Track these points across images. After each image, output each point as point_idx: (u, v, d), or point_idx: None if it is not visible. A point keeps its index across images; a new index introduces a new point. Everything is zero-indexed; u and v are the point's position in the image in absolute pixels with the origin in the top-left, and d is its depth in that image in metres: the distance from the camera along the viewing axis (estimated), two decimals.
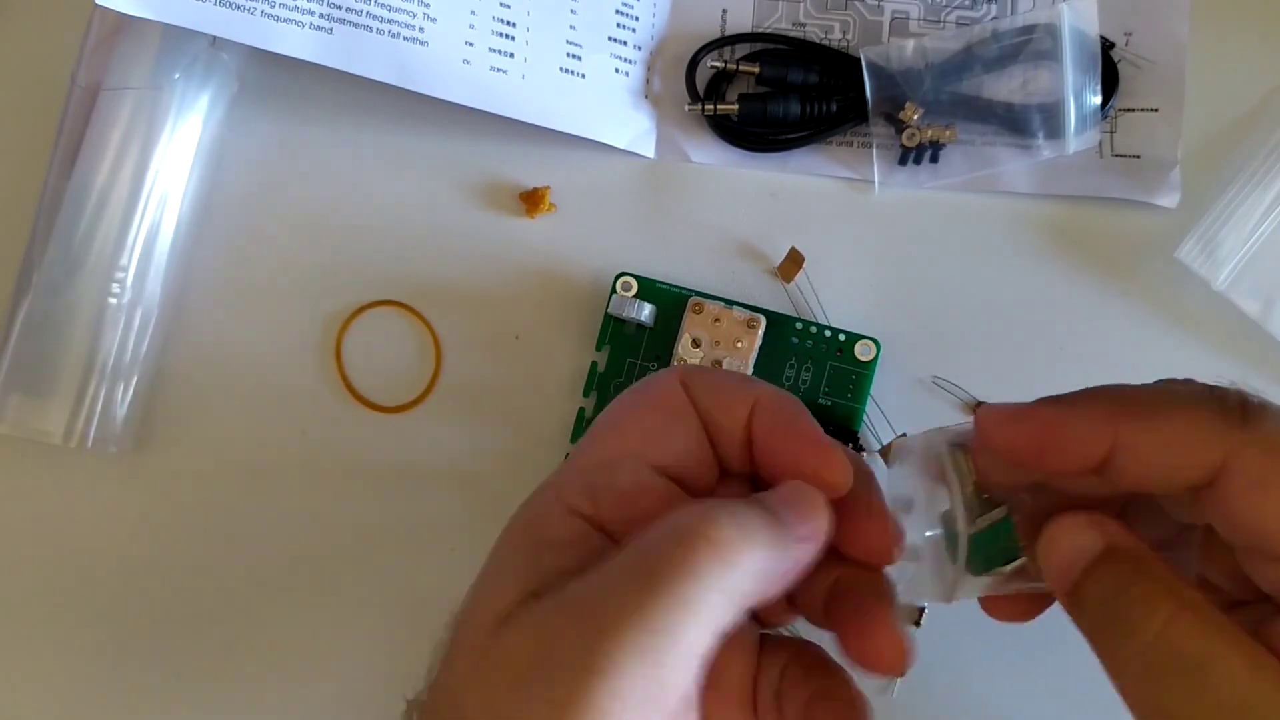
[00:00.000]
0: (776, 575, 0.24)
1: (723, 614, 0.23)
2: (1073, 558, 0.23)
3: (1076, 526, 0.23)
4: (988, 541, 0.24)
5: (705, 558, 0.22)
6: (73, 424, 0.36)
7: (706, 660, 0.23)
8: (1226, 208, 0.38)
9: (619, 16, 0.40)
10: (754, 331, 0.36)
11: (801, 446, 0.26)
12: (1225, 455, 0.21)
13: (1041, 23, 0.39)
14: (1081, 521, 0.23)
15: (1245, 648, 0.21)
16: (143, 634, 0.38)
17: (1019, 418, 0.24)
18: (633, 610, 0.22)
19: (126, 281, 0.37)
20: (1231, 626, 0.21)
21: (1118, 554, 0.22)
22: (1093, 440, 0.23)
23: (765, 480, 0.27)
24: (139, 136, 0.37)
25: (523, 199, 0.40)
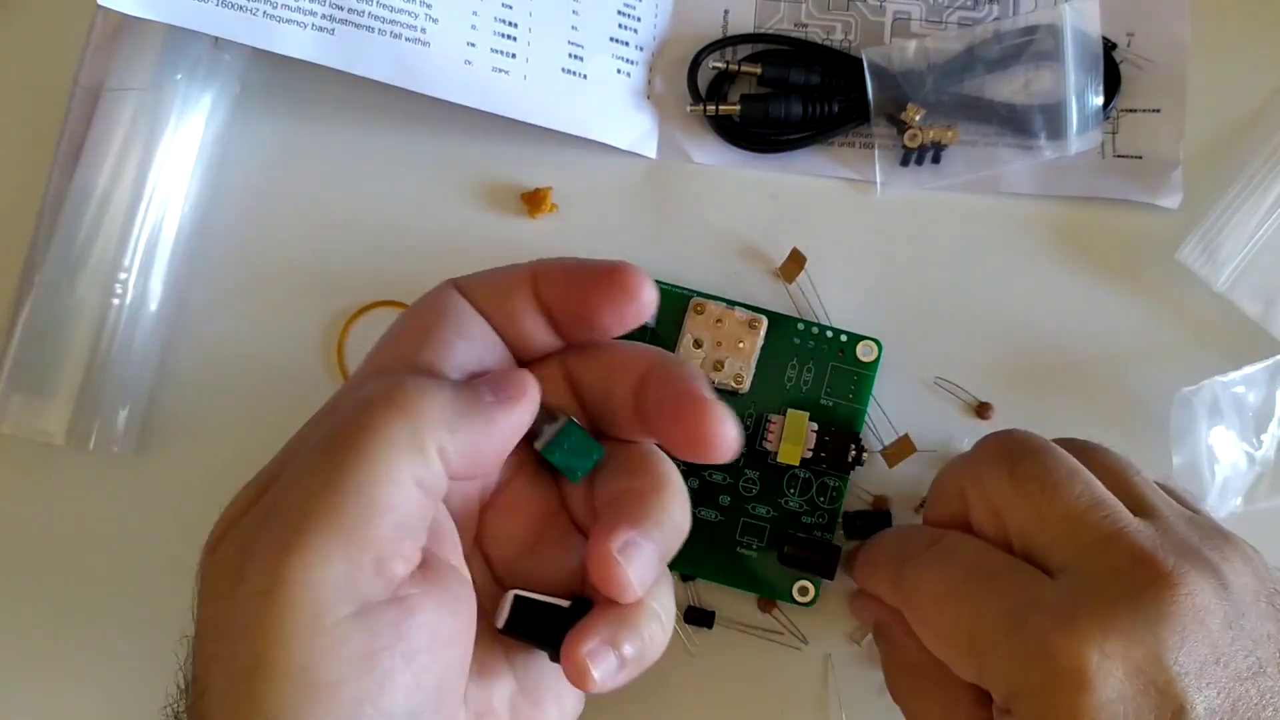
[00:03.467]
0: (471, 429, 0.24)
1: (414, 466, 0.23)
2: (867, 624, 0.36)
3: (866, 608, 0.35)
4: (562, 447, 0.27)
5: (383, 412, 0.23)
6: (75, 425, 0.36)
7: (413, 513, 0.23)
8: (1228, 209, 0.38)
9: (621, 17, 0.40)
10: (755, 332, 0.37)
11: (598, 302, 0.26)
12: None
13: (1043, 23, 0.39)
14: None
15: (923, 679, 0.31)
16: (144, 635, 0.38)
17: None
18: (314, 477, 0.22)
19: (129, 282, 0.37)
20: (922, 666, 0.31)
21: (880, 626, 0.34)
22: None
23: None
24: (141, 137, 0.37)
25: (524, 199, 0.40)
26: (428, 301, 0.27)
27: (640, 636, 0.25)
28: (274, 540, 0.22)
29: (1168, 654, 0.25)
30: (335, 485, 0.22)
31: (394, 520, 0.23)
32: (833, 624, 0.37)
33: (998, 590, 0.28)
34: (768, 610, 0.37)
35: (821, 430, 0.36)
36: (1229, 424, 0.37)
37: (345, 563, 0.22)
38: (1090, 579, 0.27)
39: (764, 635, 0.37)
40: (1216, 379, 0.36)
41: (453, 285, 0.28)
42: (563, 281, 0.27)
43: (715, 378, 0.36)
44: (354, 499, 0.22)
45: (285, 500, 0.23)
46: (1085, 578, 0.27)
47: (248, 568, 0.22)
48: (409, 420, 0.23)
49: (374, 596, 0.22)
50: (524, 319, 0.27)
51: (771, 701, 0.37)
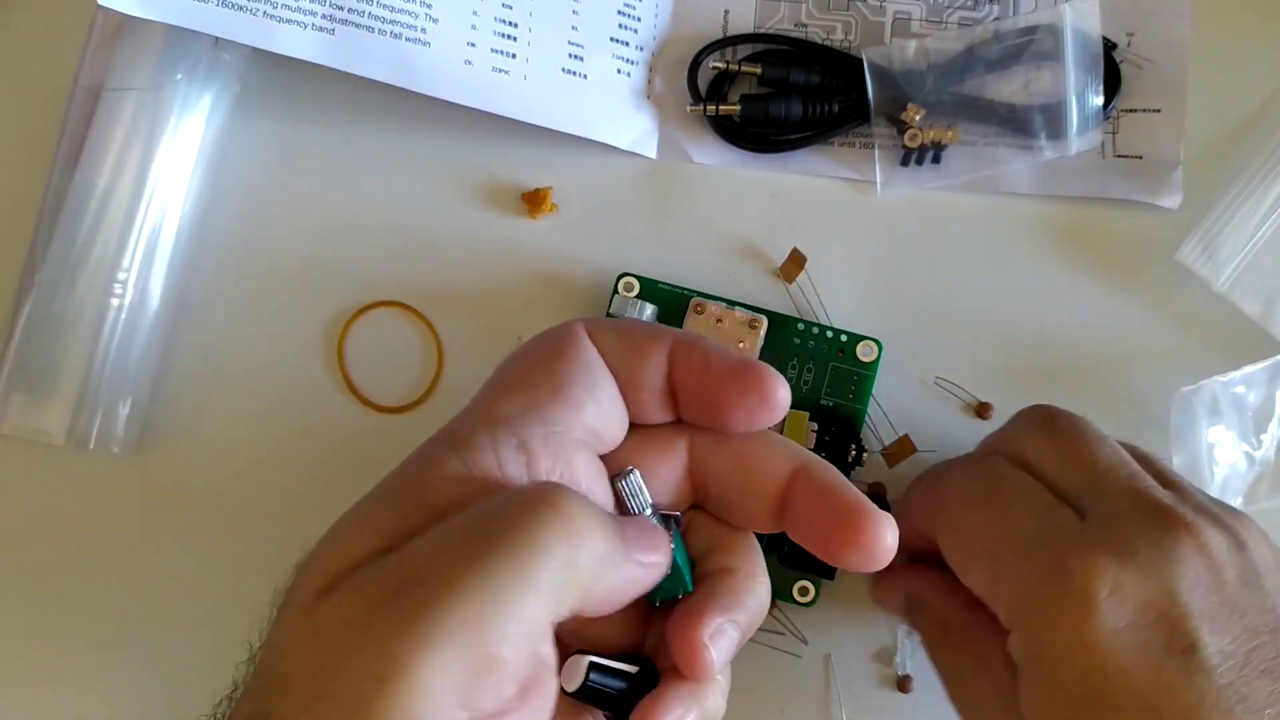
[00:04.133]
0: (612, 582, 0.23)
1: (560, 597, 0.21)
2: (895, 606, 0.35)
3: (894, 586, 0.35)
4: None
5: (549, 526, 0.21)
6: (75, 425, 0.36)
7: (541, 650, 0.22)
8: (1228, 209, 0.38)
9: (621, 17, 0.40)
10: (756, 332, 0.37)
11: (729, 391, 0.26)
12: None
13: (1044, 23, 0.39)
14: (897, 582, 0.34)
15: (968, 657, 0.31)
16: (144, 634, 0.38)
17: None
18: (464, 574, 0.20)
19: (129, 282, 0.37)
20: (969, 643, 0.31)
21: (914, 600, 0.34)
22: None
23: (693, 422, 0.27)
24: (141, 137, 0.37)
25: (525, 199, 0.40)
26: (559, 344, 0.26)
27: (707, 708, 0.25)
28: (401, 623, 0.20)
29: (1182, 592, 0.26)
30: (479, 592, 0.20)
31: (523, 639, 0.21)
32: (833, 624, 0.37)
33: (1027, 507, 0.29)
34: (768, 610, 0.37)
35: (821, 430, 0.36)
36: (1229, 424, 0.37)
37: (468, 671, 0.20)
38: (1114, 519, 0.27)
39: (764, 635, 0.37)
40: (1216, 379, 0.36)
41: (584, 329, 0.26)
42: (701, 365, 0.26)
43: None
44: (493, 612, 0.20)
45: (421, 579, 0.21)
46: (1109, 518, 0.27)
47: (367, 642, 0.20)
48: (572, 545, 0.21)
49: (483, 711, 0.21)
50: (651, 385, 0.26)
51: (771, 701, 0.37)
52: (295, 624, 0.22)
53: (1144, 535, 0.27)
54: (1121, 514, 0.27)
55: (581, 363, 0.25)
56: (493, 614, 0.20)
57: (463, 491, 0.23)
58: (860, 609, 0.37)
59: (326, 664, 0.21)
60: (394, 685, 0.20)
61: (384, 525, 0.23)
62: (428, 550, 0.22)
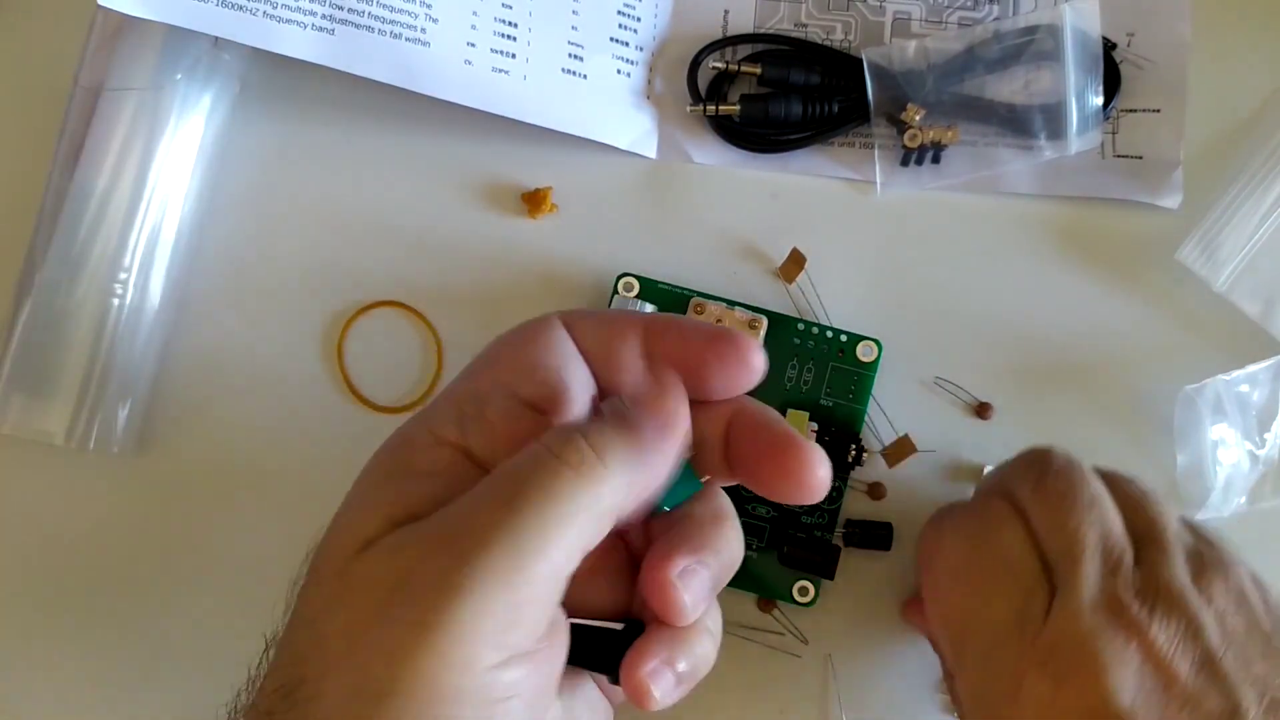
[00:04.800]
0: (639, 486, 0.24)
1: (586, 533, 0.23)
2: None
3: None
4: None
5: (567, 481, 0.23)
6: (74, 425, 0.36)
7: (568, 578, 0.23)
8: (1228, 209, 0.38)
9: (620, 17, 0.40)
10: (756, 332, 0.36)
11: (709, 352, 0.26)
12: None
13: (1043, 23, 0.39)
14: None
15: None
16: (144, 634, 0.38)
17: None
18: (494, 531, 0.22)
19: (129, 282, 0.37)
20: None
21: None
22: None
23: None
24: (141, 137, 0.37)
25: (524, 199, 0.40)
26: (532, 332, 0.27)
27: (694, 654, 0.25)
28: (443, 574, 0.22)
29: (1124, 701, 0.26)
30: (513, 542, 0.22)
31: (556, 580, 0.23)
32: (833, 624, 0.37)
33: (1003, 592, 0.29)
34: (767, 610, 0.37)
35: (821, 430, 0.36)
36: (1232, 422, 0.37)
37: (505, 612, 0.22)
38: (1071, 618, 0.28)
39: (764, 635, 0.37)
40: (1220, 377, 0.36)
41: (559, 318, 0.27)
42: (678, 338, 0.27)
43: None
44: (530, 556, 0.22)
45: (458, 534, 0.22)
46: (1067, 618, 0.28)
47: (408, 595, 0.22)
48: (590, 493, 0.23)
49: (521, 649, 0.22)
50: (626, 366, 0.27)
51: (771, 701, 0.37)
52: (329, 589, 0.24)
53: (1098, 636, 0.27)
54: (1078, 613, 0.28)
55: (551, 345, 0.27)
56: (525, 563, 0.22)
57: (439, 457, 0.25)
58: (860, 609, 0.37)
59: (366, 617, 0.22)
60: (436, 631, 0.21)
61: (394, 495, 0.24)
62: (461, 511, 0.23)
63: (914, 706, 0.37)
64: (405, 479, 0.25)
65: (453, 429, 0.25)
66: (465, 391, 0.26)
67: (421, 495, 0.24)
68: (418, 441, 0.25)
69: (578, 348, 0.27)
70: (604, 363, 0.27)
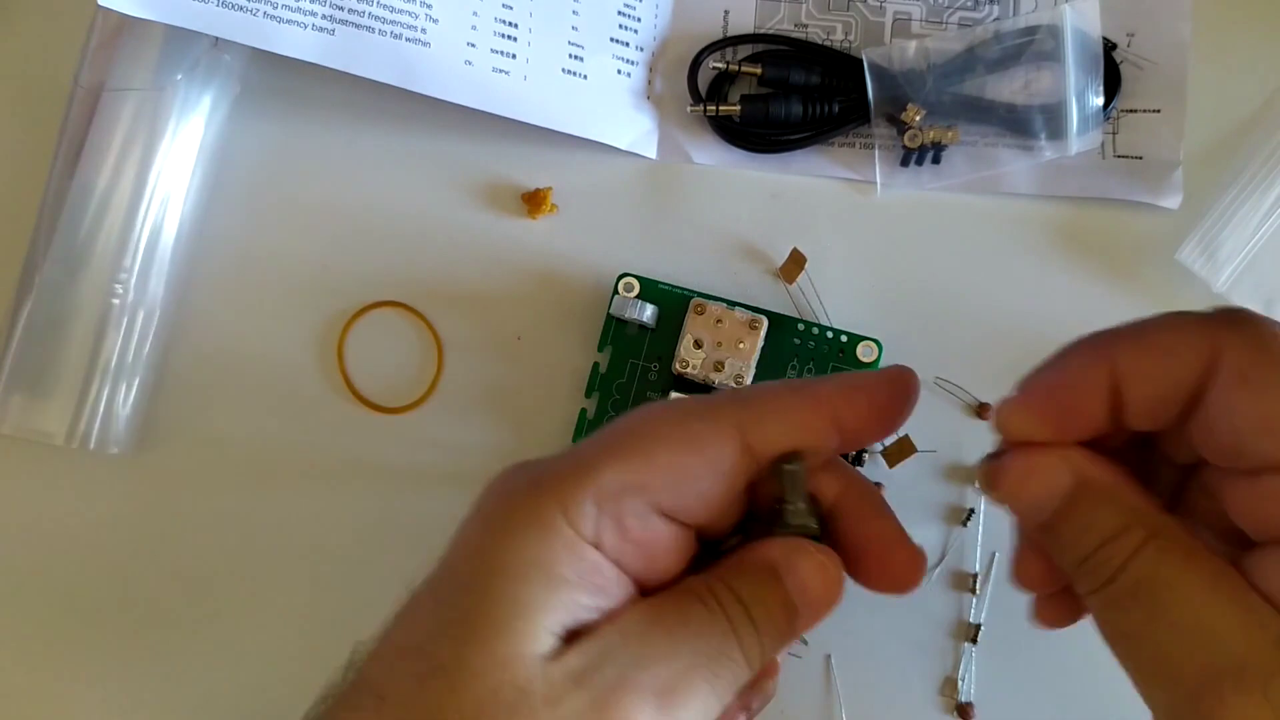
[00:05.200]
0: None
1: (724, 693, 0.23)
2: (1044, 495, 0.23)
3: (1047, 464, 0.23)
4: None
5: (736, 675, 0.23)
6: (75, 425, 0.36)
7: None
8: (1227, 209, 0.38)
9: (621, 18, 0.40)
10: (756, 333, 0.36)
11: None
12: (1212, 354, 0.21)
13: (1044, 24, 0.39)
14: (1051, 459, 0.23)
15: (1206, 569, 0.21)
16: (144, 634, 0.38)
17: (1023, 404, 0.24)
18: (671, 696, 0.22)
19: (129, 282, 0.37)
20: (1198, 550, 0.21)
21: (1088, 488, 0.22)
22: (1094, 389, 0.22)
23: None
24: (141, 137, 0.37)
25: (525, 200, 0.40)
26: (698, 441, 0.24)
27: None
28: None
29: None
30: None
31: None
32: (833, 624, 0.37)
33: None
34: None
35: None
36: None
37: None
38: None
39: None
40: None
41: (737, 435, 0.24)
42: (867, 407, 0.25)
43: (715, 378, 0.36)
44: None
45: (635, 683, 0.23)
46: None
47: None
48: (737, 678, 0.24)
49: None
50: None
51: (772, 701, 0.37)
52: (511, 698, 0.22)
53: None
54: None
55: (719, 466, 0.25)
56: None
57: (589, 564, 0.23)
58: (860, 609, 0.37)
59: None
60: None
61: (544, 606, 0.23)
62: (639, 661, 0.23)
63: (914, 706, 0.37)
64: (556, 587, 0.23)
65: (590, 526, 0.23)
66: (610, 484, 0.24)
67: (576, 606, 0.23)
68: (561, 541, 0.23)
69: (750, 457, 0.25)
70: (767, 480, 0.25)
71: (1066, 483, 0.22)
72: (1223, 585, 0.20)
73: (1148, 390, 0.22)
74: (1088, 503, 0.22)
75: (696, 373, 0.36)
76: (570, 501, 0.23)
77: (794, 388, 0.26)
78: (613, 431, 0.25)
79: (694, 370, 0.36)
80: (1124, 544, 0.21)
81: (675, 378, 0.37)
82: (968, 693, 0.36)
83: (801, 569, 0.25)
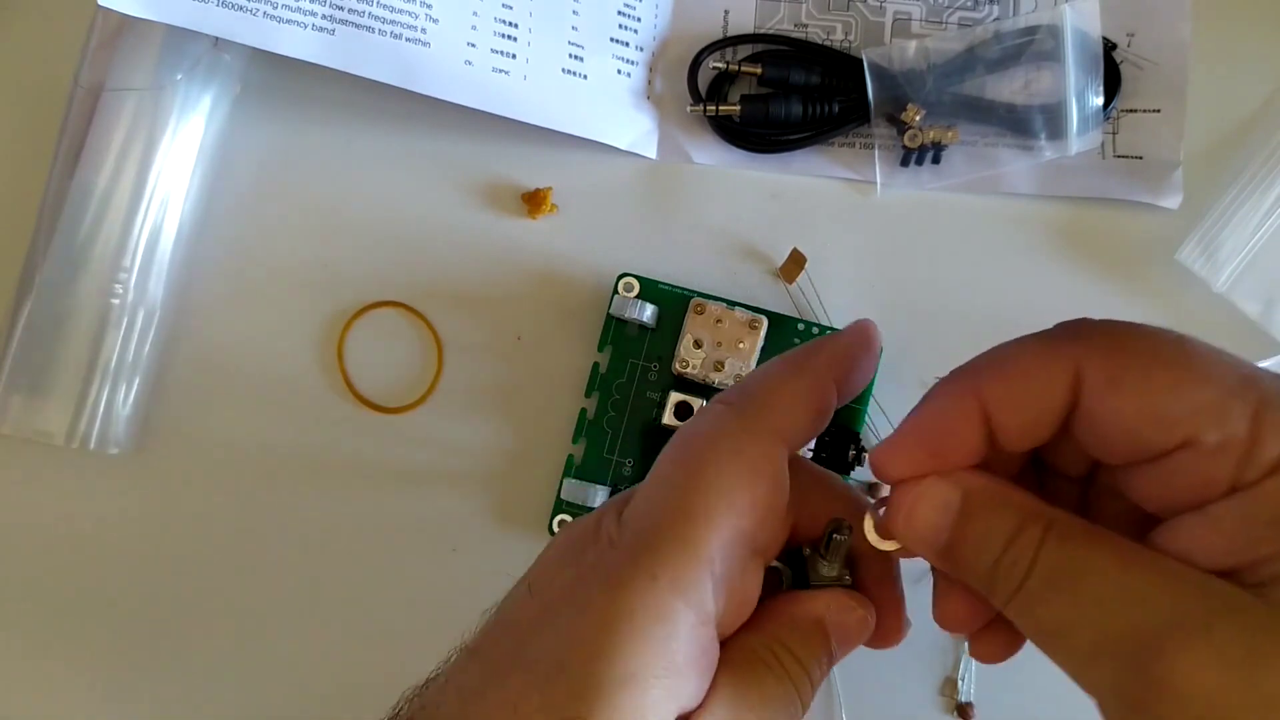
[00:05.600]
0: None
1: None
2: (936, 518, 0.22)
3: (932, 487, 0.23)
4: None
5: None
6: (74, 425, 0.36)
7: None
8: (1227, 209, 0.38)
9: (621, 18, 0.40)
10: (756, 332, 0.36)
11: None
12: (1074, 371, 0.21)
13: (1044, 24, 0.39)
14: (935, 481, 0.23)
15: (1114, 545, 0.21)
16: (144, 634, 0.38)
17: (897, 446, 0.23)
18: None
19: (129, 282, 0.37)
20: (1100, 531, 0.21)
21: (976, 498, 0.22)
22: (964, 422, 0.22)
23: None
24: (141, 137, 0.37)
25: (525, 200, 0.40)
26: (759, 466, 0.24)
27: None
28: None
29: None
30: None
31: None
32: None
33: None
34: None
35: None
36: None
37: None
38: None
39: None
40: None
41: (785, 447, 0.25)
42: (855, 371, 0.27)
43: (715, 378, 0.36)
44: None
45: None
46: None
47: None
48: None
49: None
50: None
51: None
52: None
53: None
54: None
55: (782, 483, 0.25)
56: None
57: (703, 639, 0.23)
58: None
59: None
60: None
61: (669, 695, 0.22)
62: None
63: (914, 706, 0.37)
64: (677, 692, 0.22)
65: (709, 601, 0.23)
66: (718, 550, 0.23)
67: (687, 698, 0.22)
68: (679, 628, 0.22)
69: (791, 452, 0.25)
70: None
71: (955, 499, 0.22)
72: (1134, 556, 0.20)
73: (1016, 417, 0.22)
74: (980, 511, 0.22)
75: (696, 372, 0.36)
76: (689, 586, 0.22)
77: (795, 371, 0.26)
78: (685, 483, 0.24)
79: (694, 370, 0.36)
80: (1026, 541, 0.21)
81: (675, 378, 0.37)
82: (968, 693, 0.36)
83: (848, 626, 0.25)
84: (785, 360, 0.26)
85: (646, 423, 0.37)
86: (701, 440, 0.24)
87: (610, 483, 0.37)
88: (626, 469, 0.37)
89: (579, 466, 0.37)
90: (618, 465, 0.37)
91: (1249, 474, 0.20)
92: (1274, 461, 0.20)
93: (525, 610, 0.24)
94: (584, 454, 0.37)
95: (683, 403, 0.36)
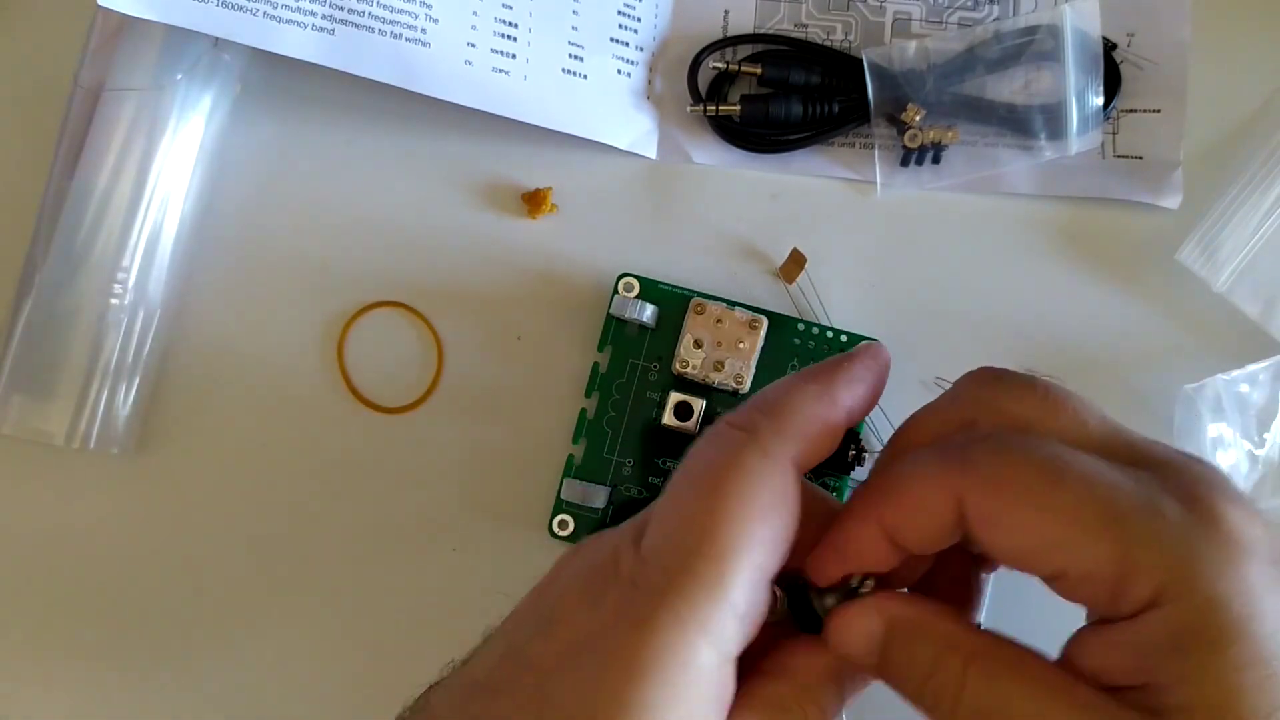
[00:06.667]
0: None
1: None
2: (864, 644, 0.24)
3: (857, 615, 0.24)
4: None
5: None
6: (75, 425, 0.36)
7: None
8: (1227, 209, 0.38)
9: (621, 18, 0.40)
10: (756, 332, 0.36)
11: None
12: (956, 503, 0.23)
13: (1044, 24, 0.39)
14: (859, 609, 0.24)
15: (1035, 678, 0.22)
16: (144, 635, 0.38)
17: (821, 558, 0.25)
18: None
19: (129, 282, 0.37)
20: (1022, 659, 0.23)
21: (898, 628, 0.24)
22: (870, 541, 0.24)
23: None
24: (141, 137, 0.37)
25: (525, 200, 0.40)
26: (778, 494, 0.24)
27: None
28: None
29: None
30: None
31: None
32: None
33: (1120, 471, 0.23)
34: None
35: None
36: (1231, 422, 0.37)
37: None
38: None
39: None
40: (1219, 376, 0.36)
41: (793, 465, 0.24)
42: (869, 394, 0.27)
43: (715, 378, 0.36)
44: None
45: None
46: None
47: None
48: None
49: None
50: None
51: None
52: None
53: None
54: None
55: (794, 506, 0.25)
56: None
57: (721, 692, 0.23)
58: None
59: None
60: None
61: None
62: None
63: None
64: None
65: (732, 642, 0.23)
66: (742, 589, 0.23)
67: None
68: (702, 665, 0.22)
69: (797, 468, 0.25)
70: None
71: (878, 628, 0.24)
72: (1052, 686, 0.22)
73: (914, 536, 0.24)
74: (900, 641, 0.24)
75: (696, 373, 0.36)
76: (714, 629, 0.22)
77: (814, 399, 0.26)
78: (706, 520, 0.23)
79: (694, 370, 0.36)
80: (946, 672, 0.23)
81: (675, 378, 0.37)
82: None
83: (859, 673, 0.26)
84: (801, 385, 0.26)
85: (647, 423, 0.37)
86: (720, 470, 0.24)
87: (610, 483, 0.37)
88: (626, 469, 0.37)
89: (579, 466, 0.37)
90: (618, 465, 0.37)
91: (1123, 608, 0.21)
92: (1146, 599, 0.21)
93: (545, 648, 0.23)
94: (584, 454, 0.37)
95: (683, 403, 0.36)
